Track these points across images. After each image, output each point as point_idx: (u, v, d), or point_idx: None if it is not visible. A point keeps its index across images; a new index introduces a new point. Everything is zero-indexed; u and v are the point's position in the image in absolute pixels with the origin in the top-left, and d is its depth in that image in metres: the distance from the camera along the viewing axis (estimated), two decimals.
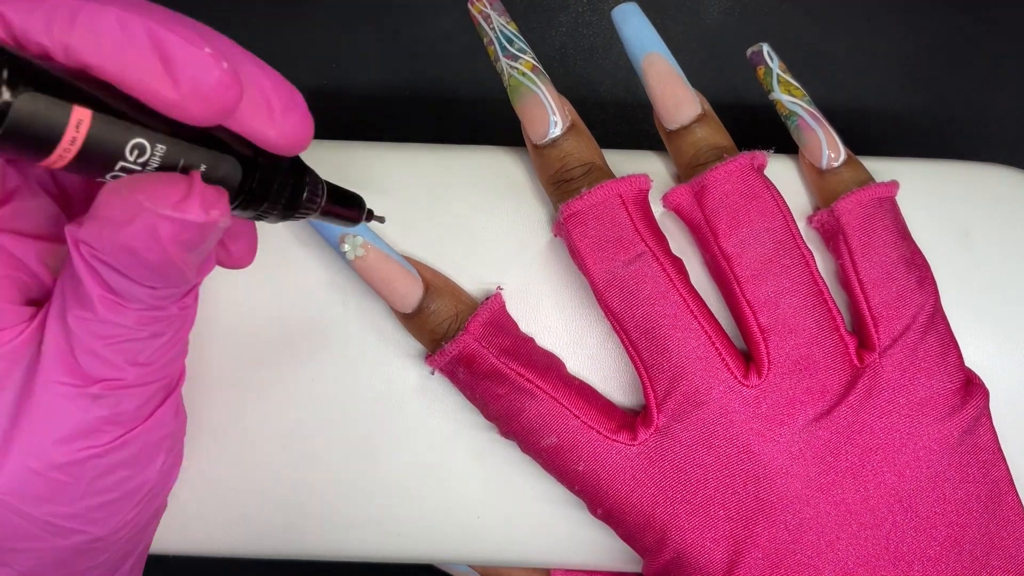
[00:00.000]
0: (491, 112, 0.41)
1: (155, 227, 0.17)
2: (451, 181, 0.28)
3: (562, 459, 0.24)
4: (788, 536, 0.23)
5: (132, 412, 0.21)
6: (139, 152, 0.17)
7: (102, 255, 0.18)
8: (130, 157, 0.17)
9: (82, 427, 0.20)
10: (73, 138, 0.16)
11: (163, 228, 0.17)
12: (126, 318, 0.19)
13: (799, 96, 0.26)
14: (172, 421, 0.23)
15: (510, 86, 0.26)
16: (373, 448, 0.27)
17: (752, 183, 0.25)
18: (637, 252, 0.24)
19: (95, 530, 0.22)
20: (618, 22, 0.26)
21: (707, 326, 0.24)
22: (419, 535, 0.27)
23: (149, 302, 0.20)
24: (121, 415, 0.21)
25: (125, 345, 0.20)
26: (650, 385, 0.24)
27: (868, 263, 0.24)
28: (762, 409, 0.24)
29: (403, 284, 0.25)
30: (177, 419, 0.24)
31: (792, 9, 0.42)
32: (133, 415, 0.21)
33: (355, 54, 0.42)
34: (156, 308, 0.20)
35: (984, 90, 0.41)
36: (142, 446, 0.22)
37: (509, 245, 0.28)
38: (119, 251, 0.18)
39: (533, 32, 0.42)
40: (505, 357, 0.25)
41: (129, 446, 0.22)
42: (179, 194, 0.17)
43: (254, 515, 0.27)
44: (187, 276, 0.19)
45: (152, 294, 0.19)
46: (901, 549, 0.23)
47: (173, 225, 0.17)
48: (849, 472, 0.24)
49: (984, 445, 0.24)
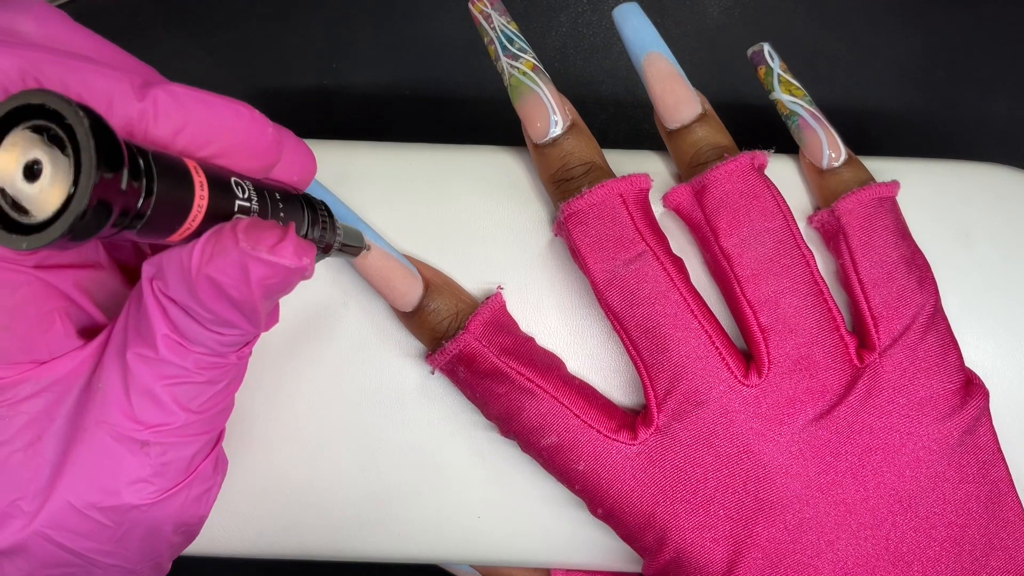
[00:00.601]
0: (491, 112, 0.41)
1: (247, 266, 0.17)
2: (451, 181, 0.28)
3: (562, 458, 0.24)
4: (788, 536, 0.23)
5: (178, 465, 0.21)
6: (240, 189, 0.19)
7: (174, 294, 0.18)
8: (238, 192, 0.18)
9: (129, 476, 0.20)
10: (199, 205, 0.17)
11: (255, 268, 0.17)
12: (186, 360, 0.19)
13: (800, 96, 0.26)
14: (213, 476, 0.23)
15: (511, 86, 0.26)
16: (373, 448, 0.27)
17: (753, 183, 0.25)
18: (638, 251, 0.24)
19: (129, 565, 0.22)
20: (618, 22, 0.26)
21: (707, 326, 0.24)
22: (419, 535, 0.27)
23: (212, 347, 0.20)
24: (167, 467, 0.21)
25: (180, 388, 0.20)
26: (650, 384, 0.24)
27: (869, 263, 0.24)
28: (762, 409, 0.24)
29: (404, 282, 0.25)
30: (216, 473, 0.23)
31: (792, 9, 0.42)
32: (179, 469, 0.21)
33: (355, 54, 0.42)
34: (217, 355, 0.20)
35: (984, 90, 0.41)
36: (183, 501, 0.22)
37: (509, 245, 0.28)
38: (203, 282, 0.17)
39: (533, 32, 0.42)
40: (506, 356, 0.25)
41: (172, 501, 0.21)
42: (274, 239, 0.17)
43: (254, 515, 0.27)
44: (259, 322, 0.19)
45: (217, 339, 0.19)
46: (901, 549, 0.23)
47: (266, 268, 0.17)
48: (849, 472, 0.24)
49: (984, 445, 0.24)
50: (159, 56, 0.42)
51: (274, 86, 0.41)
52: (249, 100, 0.19)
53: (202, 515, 0.23)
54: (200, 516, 0.23)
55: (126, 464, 0.20)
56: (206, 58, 0.42)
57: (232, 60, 0.42)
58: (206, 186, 0.17)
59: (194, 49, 0.42)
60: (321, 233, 0.22)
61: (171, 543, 0.23)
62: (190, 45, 0.42)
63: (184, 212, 0.17)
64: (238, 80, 0.41)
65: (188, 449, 0.21)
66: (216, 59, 0.42)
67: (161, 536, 0.22)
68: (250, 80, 0.41)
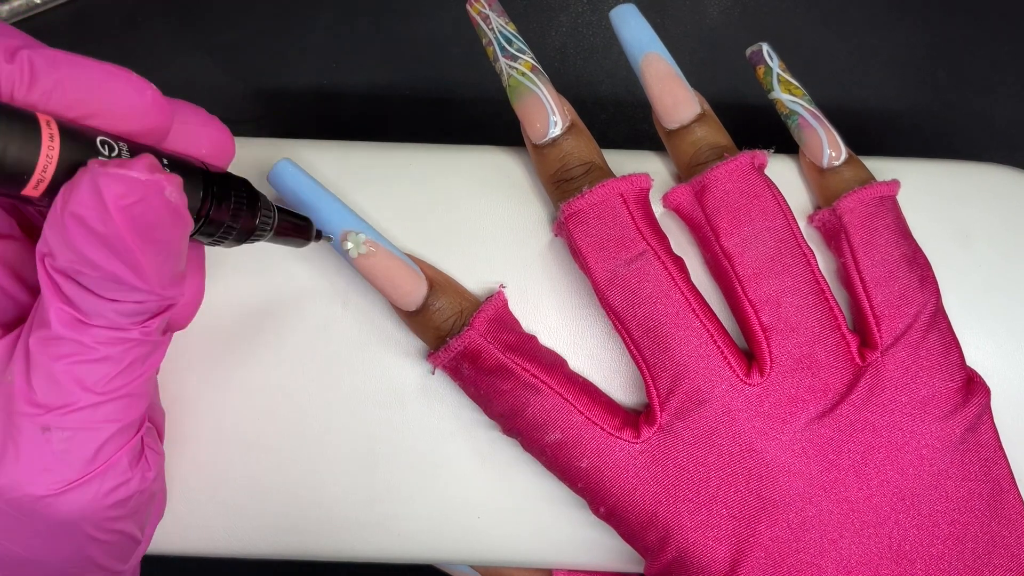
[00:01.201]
0: (491, 112, 0.41)
1: (98, 186, 0.17)
2: (451, 181, 0.28)
3: (565, 456, 0.24)
4: (791, 535, 0.23)
5: (83, 454, 0.20)
6: (109, 148, 0.18)
7: (60, 262, 0.18)
8: (103, 151, 0.18)
9: (32, 464, 0.20)
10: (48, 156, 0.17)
11: (106, 188, 0.17)
12: (84, 336, 0.19)
13: (799, 95, 0.26)
14: (129, 470, 0.22)
15: (509, 86, 0.26)
16: (373, 448, 0.27)
17: (753, 182, 0.25)
18: (639, 251, 0.24)
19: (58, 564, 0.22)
20: (616, 23, 0.26)
21: (709, 325, 0.24)
22: (420, 535, 0.27)
23: (111, 318, 0.19)
24: (71, 455, 0.20)
25: (80, 367, 0.19)
26: (653, 384, 0.24)
27: (870, 261, 0.25)
28: (764, 407, 0.24)
29: (407, 281, 0.25)
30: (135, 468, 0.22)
31: (792, 9, 0.42)
32: (84, 459, 0.20)
33: (355, 54, 0.42)
34: (117, 327, 0.19)
35: (984, 90, 0.41)
36: (95, 495, 0.21)
37: (509, 245, 0.28)
38: (69, 221, 0.17)
39: (533, 32, 0.42)
40: (510, 352, 0.25)
41: (80, 493, 0.20)
42: (126, 163, 0.17)
43: (254, 515, 0.27)
44: (143, 272, 0.18)
45: (113, 308, 0.19)
46: (904, 547, 0.23)
47: (118, 185, 0.17)
48: (851, 470, 0.24)
49: (986, 443, 0.24)
50: (159, 56, 0.42)
51: (274, 86, 0.41)
52: (249, 100, 0.20)
53: (126, 513, 0.22)
54: (124, 514, 0.22)
55: (27, 451, 0.20)
56: (206, 58, 0.42)
57: (232, 60, 0.42)
58: (57, 138, 0.17)
59: (194, 49, 0.42)
60: (234, 210, 0.21)
61: (98, 543, 0.22)
62: (190, 45, 0.42)
63: (29, 162, 0.17)
64: (238, 80, 0.41)
65: (95, 437, 0.20)
66: (216, 59, 0.42)
67: (79, 533, 0.21)
68: (250, 80, 0.41)
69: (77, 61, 0.18)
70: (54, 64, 0.18)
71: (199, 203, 0.20)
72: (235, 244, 0.22)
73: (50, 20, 0.42)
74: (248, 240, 0.22)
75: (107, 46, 0.42)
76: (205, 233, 0.21)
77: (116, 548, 0.23)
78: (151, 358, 0.21)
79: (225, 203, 0.21)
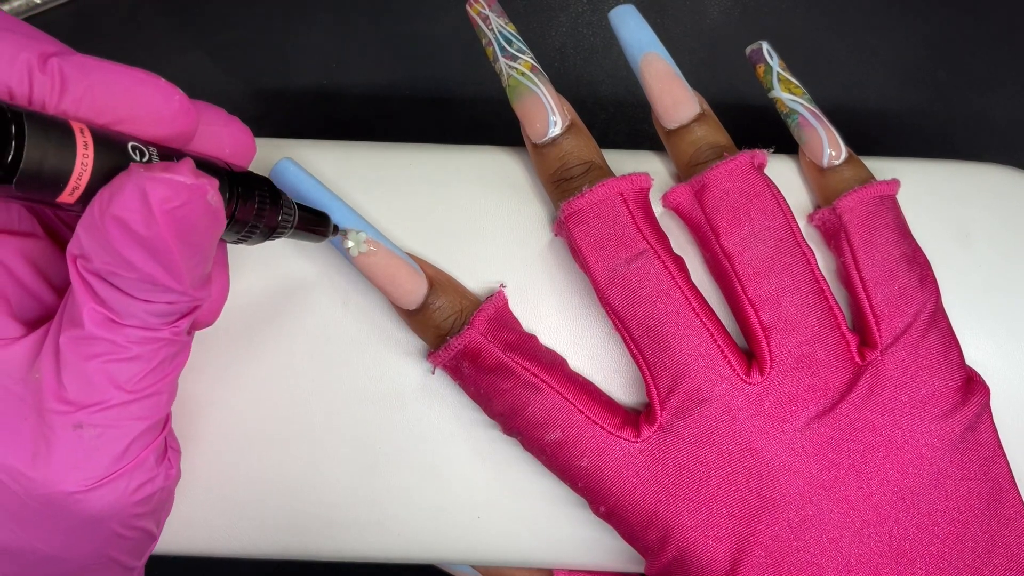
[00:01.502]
0: (491, 112, 0.41)
1: (145, 191, 0.17)
2: (451, 181, 0.28)
3: (566, 455, 0.24)
4: (791, 534, 0.23)
5: (113, 451, 0.21)
6: (140, 153, 0.19)
7: (96, 264, 0.18)
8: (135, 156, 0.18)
9: (63, 462, 0.20)
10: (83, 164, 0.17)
11: (152, 191, 0.17)
12: (117, 335, 0.19)
13: (799, 94, 0.26)
14: (155, 468, 0.22)
15: (509, 86, 0.26)
16: (373, 448, 0.27)
17: (753, 181, 0.25)
18: (639, 250, 0.24)
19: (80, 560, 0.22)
20: (615, 24, 0.26)
21: (709, 324, 0.24)
22: (420, 535, 0.27)
23: (143, 318, 0.19)
24: (102, 452, 0.20)
25: (112, 366, 0.20)
26: (653, 383, 0.24)
27: (870, 261, 0.25)
28: (764, 406, 0.24)
29: (408, 280, 0.25)
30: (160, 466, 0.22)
31: (792, 9, 0.42)
32: (114, 456, 0.21)
33: (355, 54, 0.42)
34: (149, 328, 0.20)
35: (984, 90, 0.41)
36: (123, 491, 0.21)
37: (509, 245, 0.28)
38: (110, 224, 0.17)
39: (533, 32, 0.42)
40: (510, 351, 0.25)
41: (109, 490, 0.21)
42: (170, 167, 0.18)
43: (254, 515, 0.27)
44: (180, 275, 0.19)
45: (146, 309, 0.19)
46: (904, 546, 0.23)
47: (164, 188, 0.17)
48: (851, 469, 0.24)
49: (985, 442, 0.24)
50: (159, 56, 0.42)
51: (274, 86, 0.41)
52: (249, 100, 0.20)
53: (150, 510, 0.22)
54: (148, 511, 0.22)
55: (59, 448, 0.20)
56: (206, 58, 0.42)
57: (232, 60, 0.42)
58: (91, 145, 0.17)
59: (194, 49, 0.42)
60: (258, 209, 0.22)
61: (121, 539, 0.22)
62: (190, 45, 0.42)
63: (65, 170, 0.17)
64: (238, 80, 0.41)
65: (125, 434, 0.21)
66: (216, 59, 0.42)
67: (105, 529, 0.22)
68: (250, 80, 0.41)
69: (107, 67, 0.19)
70: (84, 71, 0.18)
71: (226, 204, 0.21)
72: (258, 242, 0.22)
73: (50, 20, 0.42)
74: (271, 237, 0.23)
75: (107, 46, 0.42)
76: (232, 232, 0.21)
77: (136, 544, 0.23)
78: (178, 357, 0.22)
79: (250, 202, 0.21)
